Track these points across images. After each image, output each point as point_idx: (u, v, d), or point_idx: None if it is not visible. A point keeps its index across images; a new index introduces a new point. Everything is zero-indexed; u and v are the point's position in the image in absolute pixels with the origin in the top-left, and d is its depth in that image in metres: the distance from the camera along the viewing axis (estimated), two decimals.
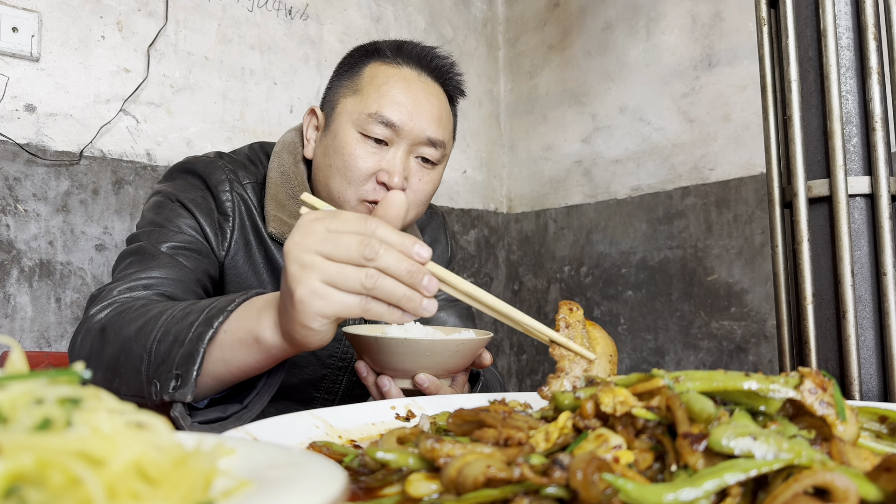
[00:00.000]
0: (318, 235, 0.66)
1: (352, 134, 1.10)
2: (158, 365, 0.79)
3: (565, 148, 2.78)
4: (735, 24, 2.27)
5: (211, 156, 1.18)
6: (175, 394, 0.76)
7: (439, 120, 1.13)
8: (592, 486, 0.38)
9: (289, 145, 1.20)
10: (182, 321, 0.80)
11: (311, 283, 0.65)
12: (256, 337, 0.76)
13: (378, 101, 1.09)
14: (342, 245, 0.65)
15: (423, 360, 0.87)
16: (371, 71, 1.13)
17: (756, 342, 2.17)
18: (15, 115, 1.79)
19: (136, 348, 0.82)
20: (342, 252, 0.65)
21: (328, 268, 0.65)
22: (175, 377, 0.76)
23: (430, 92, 1.14)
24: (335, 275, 0.65)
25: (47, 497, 0.27)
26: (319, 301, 0.66)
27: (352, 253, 0.65)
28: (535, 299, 2.84)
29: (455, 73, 1.19)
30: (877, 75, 1.04)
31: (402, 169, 1.09)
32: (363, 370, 0.92)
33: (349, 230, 0.65)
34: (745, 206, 2.22)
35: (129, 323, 0.85)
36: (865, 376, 1.02)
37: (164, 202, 1.11)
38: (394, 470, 0.48)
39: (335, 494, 0.31)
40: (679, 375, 0.49)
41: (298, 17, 2.37)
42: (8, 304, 1.75)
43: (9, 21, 1.76)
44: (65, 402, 0.31)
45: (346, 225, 0.66)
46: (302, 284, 0.66)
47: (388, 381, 0.89)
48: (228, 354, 0.77)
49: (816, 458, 0.40)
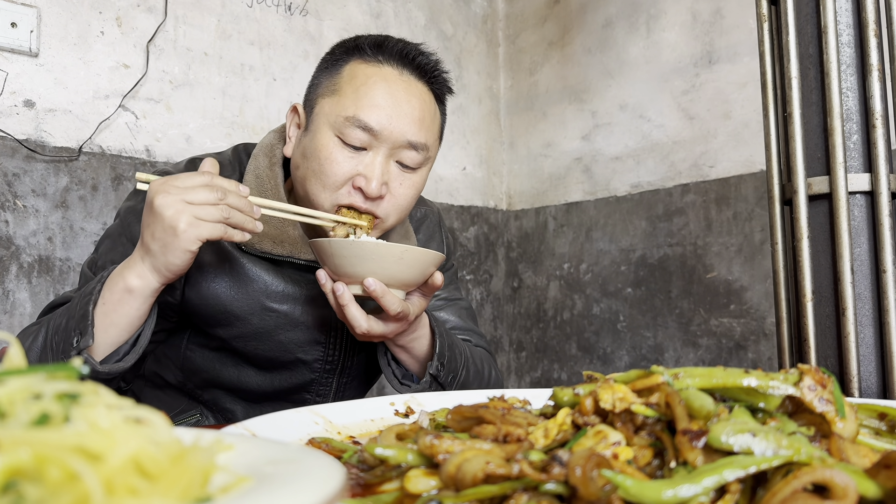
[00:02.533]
0: (179, 191, 0.90)
1: (328, 137, 1.06)
2: (61, 341, 0.95)
3: (565, 145, 2.77)
4: (735, 20, 2.26)
5: (182, 165, 1.15)
6: (80, 344, 0.92)
7: (421, 122, 1.08)
8: (591, 482, 0.38)
9: (266, 148, 1.17)
10: (69, 308, 0.97)
11: (188, 218, 0.90)
12: (127, 288, 0.94)
13: (356, 104, 1.04)
14: (200, 195, 0.91)
15: (370, 264, 0.96)
16: (350, 70, 1.08)
17: (755, 339, 2.17)
18: (14, 111, 1.78)
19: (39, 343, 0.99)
20: (202, 198, 0.91)
21: (196, 209, 0.91)
22: (76, 334, 0.93)
23: (413, 92, 1.08)
24: (202, 211, 0.91)
25: (45, 492, 0.27)
26: (195, 229, 0.90)
27: (209, 198, 0.91)
28: (535, 296, 2.84)
29: (440, 70, 1.14)
30: (877, 72, 1.04)
31: (380, 174, 1.05)
32: (322, 277, 1.01)
33: (199, 184, 0.92)
34: (744, 203, 2.22)
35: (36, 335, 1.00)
36: (864, 373, 1.02)
37: (118, 237, 1.10)
38: (393, 466, 0.48)
39: (334, 490, 0.31)
40: (678, 372, 0.49)
41: (298, 13, 2.37)
42: (7, 300, 1.75)
43: (7, 16, 1.76)
44: (63, 398, 0.31)
45: (195, 180, 0.92)
46: (181, 220, 0.90)
47: (341, 286, 0.99)
48: (113, 315, 0.95)
49: (816, 454, 0.40)
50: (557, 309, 2.76)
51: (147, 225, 0.92)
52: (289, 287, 1.13)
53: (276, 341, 1.14)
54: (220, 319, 1.10)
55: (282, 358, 1.16)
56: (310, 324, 1.15)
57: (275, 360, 1.16)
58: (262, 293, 1.11)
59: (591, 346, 2.62)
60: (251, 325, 1.12)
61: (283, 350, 1.15)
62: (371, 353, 1.23)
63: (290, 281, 1.13)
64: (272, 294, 1.12)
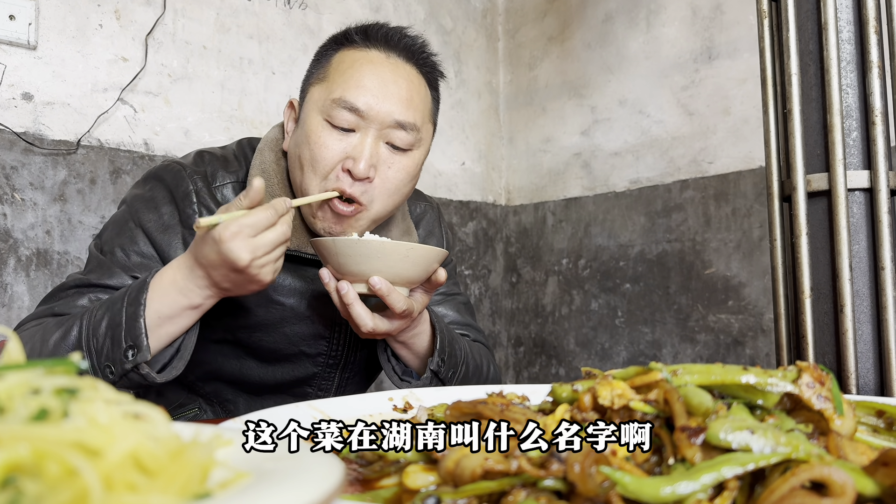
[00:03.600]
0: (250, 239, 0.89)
1: (317, 121, 1.06)
2: (105, 346, 0.93)
3: (564, 140, 2.77)
4: (735, 16, 2.26)
5: (191, 157, 1.15)
6: (136, 359, 0.92)
7: (409, 101, 1.07)
8: (590, 478, 0.38)
9: (271, 142, 1.17)
10: (108, 310, 0.95)
11: (269, 268, 0.93)
12: (191, 305, 0.94)
13: (343, 86, 1.05)
14: (270, 237, 0.91)
15: (376, 263, 0.95)
16: (339, 58, 1.10)
17: (753, 336, 2.17)
18: (12, 104, 1.78)
19: (63, 351, 0.95)
20: (273, 240, 0.91)
21: (271, 254, 0.92)
22: (129, 348, 0.91)
23: (399, 73, 1.08)
24: (276, 253, 0.93)
25: (43, 488, 0.26)
26: (273, 272, 0.94)
27: (278, 238, 0.92)
28: (533, 292, 2.84)
29: (428, 52, 1.14)
30: (877, 69, 1.04)
31: (368, 155, 1.04)
32: (325, 276, 1.00)
33: (266, 224, 0.91)
34: (743, 199, 2.22)
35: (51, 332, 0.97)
36: (862, 370, 1.03)
37: (126, 222, 1.09)
38: (391, 462, 0.48)
39: (333, 486, 0.31)
40: (677, 369, 0.49)
41: (297, 7, 2.36)
42: (5, 294, 1.75)
43: (6, 9, 1.75)
44: (61, 393, 0.31)
45: (262, 221, 0.91)
46: (260, 270, 0.92)
47: (346, 284, 0.98)
48: (170, 327, 0.95)
49: (814, 452, 0.40)
50: (556, 304, 2.76)
51: (215, 267, 0.91)
52: (296, 282, 1.14)
53: (280, 333, 1.14)
54: (227, 309, 1.10)
55: (285, 350, 1.16)
56: (315, 318, 1.16)
57: (278, 352, 1.16)
58: (269, 286, 1.11)
59: (589, 341, 2.63)
60: (257, 316, 1.13)
61: (287, 342, 1.15)
62: (373, 349, 1.23)
63: (296, 275, 1.14)
64: (279, 287, 1.13)
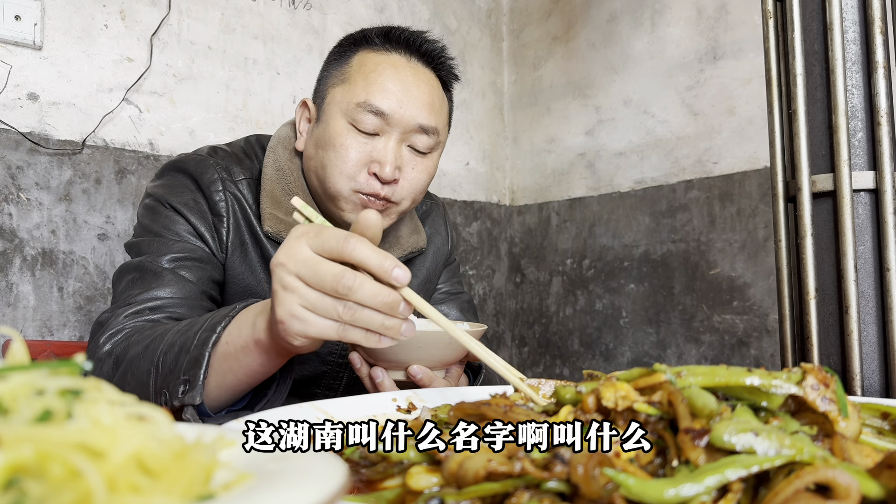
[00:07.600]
0: (302, 257, 0.68)
1: (342, 124, 1.07)
2: (166, 375, 0.82)
3: (569, 140, 2.77)
4: (740, 16, 2.25)
5: (204, 152, 1.16)
6: (184, 398, 0.79)
7: (431, 106, 1.10)
8: (593, 480, 0.38)
9: (284, 140, 1.18)
10: (186, 333, 0.84)
11: (291, 306, 0.68)
12: (255, 339, 0.79)
13: (367, 90, 1.06)
14: (321, 275, 0.67)
15: (416, 352, 0.88)
16: (359, 59, 1.10)
17: (758, 336, 2.16)
18: (17, 104, 1.78)
19: (143, 364, 0.85)
20: (321, 282, 0.67)
21: (308, 294, 0.68)
22: (183, 382, 0.80)
23: (421, 78, 1.10)
24: (315, 301, 0.68)
25: (47, 489, 0.27)
26: (299, 324, 0.69)
27: (329, 285, 0.66)
28: (537, 292, 2.84)
29: (447, 56, 1.16)
30: (883, 70, 1.03)
31: (393, 159, 1.06)
32: (357, 361, 0.93)
33: (329, 253, 0.67)
34: (748, 200, 2.21)
35: (136, 344, 0.88)
36: (867, 372, 1.02)
37: (157, 207, 1.10)
38: (395, 463, 0.48)
39: (336, 487, 0.31)
40: (681, 370, 0.49)
41: (302, 7, 2.36)
42: (10, 293, 1.75)
43: (12, 9, 1.76)
44: (66, 394, 0.31)
45: (326, 246, 0.67)
46: (282, 306, 0.69)
47: (381, 372, 0.90)
48: (234, 362, 0.81)
49: (818, 454, 0.40)
50: (560, 305, 2.76)
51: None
52: None
53: None
54: (241, 299, 1.10)
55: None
56: None
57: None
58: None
59: (594, 341, 2.62)
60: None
61: None
62: None
63: None
64: None
